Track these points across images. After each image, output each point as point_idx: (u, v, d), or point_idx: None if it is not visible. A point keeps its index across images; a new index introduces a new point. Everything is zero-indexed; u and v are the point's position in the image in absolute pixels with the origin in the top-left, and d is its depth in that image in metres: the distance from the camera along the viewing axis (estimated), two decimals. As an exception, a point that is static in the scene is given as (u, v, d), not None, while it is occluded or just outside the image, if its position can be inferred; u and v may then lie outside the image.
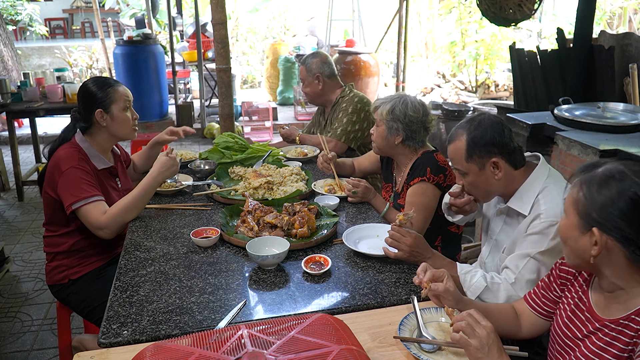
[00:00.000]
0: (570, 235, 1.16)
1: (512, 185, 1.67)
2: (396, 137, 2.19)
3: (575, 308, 1.27)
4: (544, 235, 1.55)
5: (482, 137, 1.61)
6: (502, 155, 1.62)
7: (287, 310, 1.46)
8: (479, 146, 1.62)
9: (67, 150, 2.01)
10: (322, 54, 3.10)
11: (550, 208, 1.56)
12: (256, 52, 11.10)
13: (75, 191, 1.93)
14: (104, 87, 2.08)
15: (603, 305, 1.19)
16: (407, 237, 1.64)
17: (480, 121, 1.64)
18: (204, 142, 6.80)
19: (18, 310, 3.03)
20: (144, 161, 2.55)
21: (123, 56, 6.85)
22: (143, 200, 2.03)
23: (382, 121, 2.20)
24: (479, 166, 1.64)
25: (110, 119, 2.08)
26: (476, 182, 1.67)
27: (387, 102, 2.20)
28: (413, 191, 2.15)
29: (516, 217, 1.70)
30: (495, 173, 1.64)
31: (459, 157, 1.66)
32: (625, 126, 3.40)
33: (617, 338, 1.13)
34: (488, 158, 1.62)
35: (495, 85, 9.02)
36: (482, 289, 1.58)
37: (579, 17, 4.17)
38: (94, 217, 1.93)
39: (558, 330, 1.30)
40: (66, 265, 2.07)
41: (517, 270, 1.58)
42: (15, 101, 4.59)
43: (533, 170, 1.66)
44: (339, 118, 2.95)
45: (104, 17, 9.19)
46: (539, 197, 1.62)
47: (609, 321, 1.16)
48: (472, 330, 1.12)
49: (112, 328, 1.37)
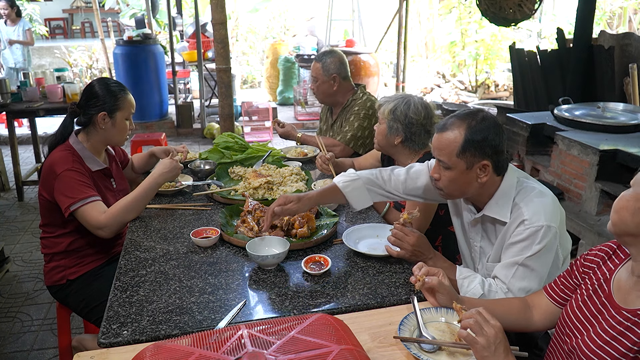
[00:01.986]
0: (628, 205, 1.13)
1: (488, 190, 1.61)
2: (396, 138, 2.19)
3: (593, 293, 1.26)
4: (530, 241, 1.52)
5: (482, 136, 1.53)
6: (493, 160, 1.55)
7: (287, 310, 1.46)
8: (476, 144, 1.53)
9: (60, 154, 2.01)
10: (339, 53, 3.02)
11: (534, 213, 1.52)
12: (256, 52, 11.11)
13: (72, 193, 1.92)
14: (116, 92, 2.07)
15: (625, 292, 1.18)
16: (410, 237, 1.64)
17: (483, 118, 1.56)
18: (204, 142, 6.80)
19: (18, 310, 3.03)
20: (142, 165, 2.57)
21: (123, 56, 6.85)
22: (144, 201, 2.03)
23: (384, 119, 2.20)
24: (467, 165, 1.55)
25: (111, 125, 2.08)
26: (457, 180, 1.58)
27: (390, 101, 2.19)
28: None
29: (494, 225, 1.65)
30: (480, 176, 1.56)
31: (449, 150, 1.55)
32: (625, 126, 3.40)
33: (630, 329, 1.12)
34: (480, 159, 1.54)
35: (495, 85, 9.02)
36: (477, 297, 1.56)
37: (579, 17, 4.18)
38: (93, 217, 1.92)
39: (570, 312, 1.28)
40: (64, 266, 2.07)
41: (507, 280, 1.55)
42: (15, 101, 4.59)
43: (504, 175, 1.61)
44: (350, 121, 2.91)
45: (104, 17, 9.18)
46: (516, 200, 1.57)
47: (626, 310, 1.15)
48: (481, 328, 1.11)
49: (112, 328, 1.37)
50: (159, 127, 7.11)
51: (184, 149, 2.53)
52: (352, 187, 1.85)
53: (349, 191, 1.84)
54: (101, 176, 2.14)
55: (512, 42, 5.74)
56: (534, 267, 1.53)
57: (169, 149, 2.47)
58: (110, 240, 2.12)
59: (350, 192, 1.85)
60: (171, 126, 7.19)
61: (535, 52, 4.73)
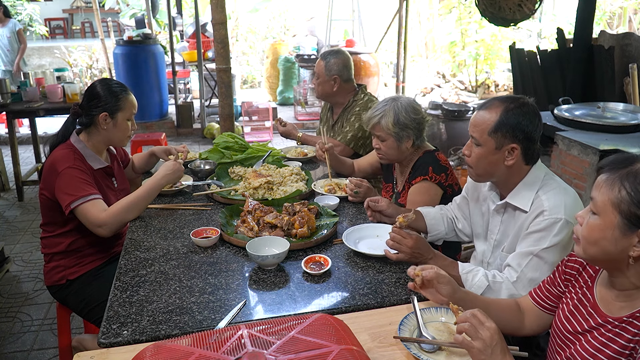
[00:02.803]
0: (606, 235, 1.09)
1: (514, 177, 1.65)
2: (407, 143, 2.18)
3: (578, 303, 1.26)
4: (547, 232, 1.54)
5: (516, 120, 1.57)
6: (523, 145, 1.59)
7: (287, 310, 1.46)
8: (508, 127, 1.57)
9: (62, 152, 2.01)
10: (345, 55, 3.02)
11: (555, 205, 1.55)
12: (256, 52, 11.11)
13: (72, 190, 1.92)
14: (117, 93, 2.08)
15: (608, 302, 1.18)
16: (408, 239, 1.64)
17: (522, 104, 1.60)
18: (204, 142, 6.80)
19: (18, 310, 3.03)
20: (142, 165, 2.57)
21: (123, 56, 6.85)
22: (145, 201, 2.03)
23: (389, 134, 2.16)
24: (497, 145, 1.60)
25: (112, 125, 2.09)
26: (485, 158, 1.63)
27: (385, 114, 2.16)
28: (415, 190, 2.15)
29: (514, 214, 1.69)
30: (507, 159, 1.61)
31: (483, 127, 1.61)
32: (625, 126, 3.40)
33: (619, 335, 1.12)
34: (510, 142, 1.59)
35: (495, 85, 9.03)
36: (483, 289, 1.58)
37: (579, 17, 4.17)
38: (93, 215, 1.92)
39: (559, 324, 1.29)
40: (64, 266, 2.07)
41: (520, 269, 1.57)
42: (15, 101, 4.59)
43: (532, 167, 1.66)
44: (351, 122, 2.92)
45: (104, 17, 9.19)
46: (539, 193, 1.61)
47: (612, 318, 1.15)
48: (476, 332, 1.10)
49: (112, 328, 1.37)
50: (159, 127, 7.11)
51: (184, 148, 2.53)
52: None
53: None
54: (103, 175, 2.14)
55: (512, 42, 5.75)
56: (547, 259, 1.55)
57: (169, 149, 2.47)
58: (110, 240, 2.12)
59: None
60: (171, 126, 7.19)
61: (535, 52, 4.73)
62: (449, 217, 2.03)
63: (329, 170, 2.48)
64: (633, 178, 1.05)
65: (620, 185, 1.06)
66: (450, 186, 2.18)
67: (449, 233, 2.03)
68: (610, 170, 1.10)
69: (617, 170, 1.09)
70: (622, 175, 1.07)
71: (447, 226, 2.02)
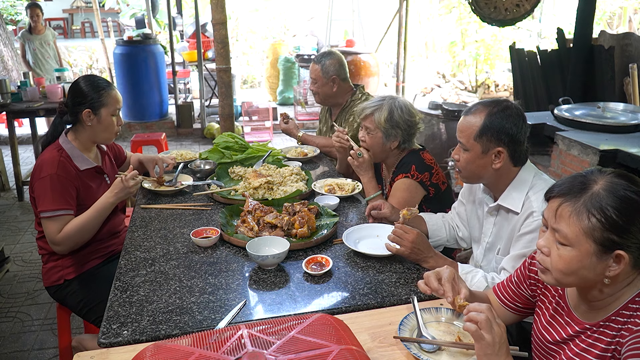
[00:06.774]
0: (584, 264, 1.07)
1: (503, 179, 1.67)
2: (392, 143, 2.19)
3: (554, 312, 1.27)
4: (537, 233, 1.55)
5: (500, 124, 1.60)
6: (509, 148, 1.62)
7: (287, 310, 1.46)
8: (493, 131, 1.60)
9: (49, 154, 2.02)
10: (338, 55, 3.03)
11: (543, 205, 1.56)
12: (256, 52, 11.11)
13: (45, 200, 1.95)
14: (98, 89, 2.07)
15: (583, 311, 1.19)
16: (410, 234, 1.65)
17: (506, 107, 1.62)
18: (204, 142, 6.80)
19: (18, 310, 3.03)
20: (138, 168, 2.55)
21: (123, 56, 6.85)
22: (96, 221, 2.03)
23: (378, 128, 2.17)
24: (483, 149, 1.63)
25: (96, 122, 2.08)
26: (472, 162, 1.67)
27: (380, 107, 2.16)
28: (396, 186, 2.17)
29: (507, 216, 1.70)
30: (494, 162, 1.63)
31: (468, 132, 1.65)
32: (625, 126, 3.39)
33: (598, 339, 1.13)
34: (495, 145, 1.61)
35: (495, 85, 9.02)
36: (482, 289, 1.59)
37: (579, 17, 4.17)
38: (52, 232, 1.96)
39: (539, 335, 1.30)
40: (61, 266, 2.07)
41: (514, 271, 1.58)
42: (15, 101, 4.59)
43: (520, 168, 1.67)
44: (350, 122, 2.92)
45: (104, 17, 9.19)
46: (529, 194, 1.63)
47: (590, 324, 1.16)
48: (490, 326, 1.09)
49: (112, 328, 1.37)
50: (159, 127, 7.11)
51: (172, 160, 2.51)
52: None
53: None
54: (92, 175, 2.13)
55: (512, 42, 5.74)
56: None
57: (155, 159, 2.47)
58: (107, 239, 2.14)
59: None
60: (171, 126, 7.19)
61: (535, 52, 4.72)
62: (450, 225, 2.04)
63: (352, 144, 2.35)
64: (597, 202, 1.04)
65: (587, 213, 1.05)
66: (434, 186, 2.18)
67: (450, 240, 2.04)
68: (569, 198, 1.08)
69: (576, 197, 1.07)
70: (586, 202, 1.05)
71: (449, 233, 2.03)
